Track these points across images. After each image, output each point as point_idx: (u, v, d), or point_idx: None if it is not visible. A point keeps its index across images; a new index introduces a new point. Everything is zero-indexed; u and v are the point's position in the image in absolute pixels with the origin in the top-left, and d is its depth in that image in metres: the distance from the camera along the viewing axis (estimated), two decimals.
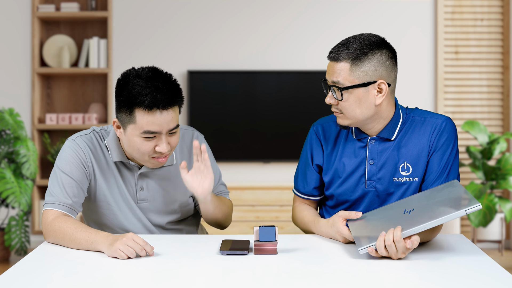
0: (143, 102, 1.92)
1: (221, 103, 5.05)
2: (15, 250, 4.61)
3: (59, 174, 2.05)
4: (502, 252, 4.87)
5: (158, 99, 1.93)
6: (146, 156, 2.02)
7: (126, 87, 1.96)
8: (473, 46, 5.10)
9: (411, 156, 2.06)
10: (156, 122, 1.95)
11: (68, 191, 2.03)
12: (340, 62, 1.98)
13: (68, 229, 1.92)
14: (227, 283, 1.57)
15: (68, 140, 2.11)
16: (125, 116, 1.98)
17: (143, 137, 1.98)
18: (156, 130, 1.96)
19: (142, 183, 2.14)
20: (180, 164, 1.98)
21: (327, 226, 2.02)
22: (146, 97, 1.92)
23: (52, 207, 2.01)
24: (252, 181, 5.11)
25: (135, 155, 2.04)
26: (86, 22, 5.17)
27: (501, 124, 5.11)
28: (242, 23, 5.13)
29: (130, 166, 2.13)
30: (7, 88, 5.12)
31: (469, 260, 1.76)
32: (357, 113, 2.00)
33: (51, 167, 5.14)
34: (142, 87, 1.93)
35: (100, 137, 2.13)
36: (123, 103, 1.96)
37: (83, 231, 1.89)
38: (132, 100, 1.94)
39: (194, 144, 1.97)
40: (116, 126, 2.04)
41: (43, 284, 1.56)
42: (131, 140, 2.00)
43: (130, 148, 2.03)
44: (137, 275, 1.65)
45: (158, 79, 1.96)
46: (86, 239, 1.87)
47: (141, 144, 1.99)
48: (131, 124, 1.98)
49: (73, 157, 2.07)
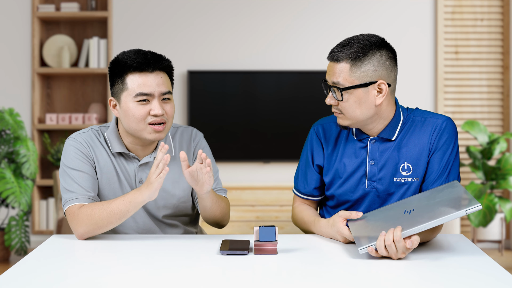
0: (132, 64, 2.03)
1: (221, 103, 5.05)
2: (15, 250, 4.61)
3: (70, 172, 2.08)
4: (502, 252, 4.87)
5: (147, 60, 2.04)
6: (142, 123, 2.06)
7: (116, 61, 2.07)
8: (473, 46, 5.10)
9: (411, 156, 2.06)
10: (147, 84, 2.03)
11: (85, 185, 2.07)
12: (340, 63, 1.98)
13: (100, 208, 1.98)
14: (227, 283, 1.57)
15: (68, 139, 2.15)
16: (118, 87, 2.07)
17: (136, 101, 2.04)
18: (147, 91, 2.03)
19: (141, 175, 2.15)
20: (180, 155, 1.95)
21: (327, 226, 2.02)
22: (135, 61, 2.03)
23: (77, 201, 2.05)
24: (252, 181, 5.11)
25: (133, 125, 2.07)
26: (86, 22, 5.17)
27: (501, 124, 5.11)
28: (242, 23, 5.13)
29: (129, 158, 2.15)
30: (7, 88, 5.12)
31: (469, 260, 1.76)
32: (357, 113, 2.00)
33: (51, 167, 5.14)
34: (131, 55, 2.05)
35: (98, 133, 2.17)
36: (116, 75, 2.06)
37: (115, 201, 1.98)
38: (122, 66, 2.04)
39: (199, 152, 1.96)
40: (113, 105, 2.11)
41: (43, 284, 1.56)
42: (126, 110, 2.06)
43: (127, 119, 2.07)
44: (137, 275, 1.65)
45: (146, 51, 2.08)
46: (124, 204, 1.97)
47: (135, 109, 2.04)
48: (124, 92, 2.05)
49: (77, 153, 2.10)
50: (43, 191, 5.13)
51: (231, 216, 4.76)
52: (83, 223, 1.98)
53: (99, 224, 1.98)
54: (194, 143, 2.23)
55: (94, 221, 1.97)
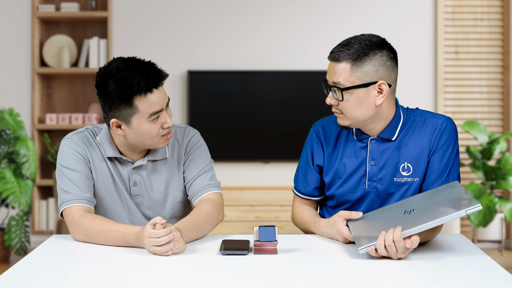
0: (140, 88, 1.96)
1: (221, 103, 5.05)
2: (15, 250, 4.61)
3: (66, 172, 2.08)
4: (502, 252, 4.87)
5: (151, 79, 1.97)
6: (156, 138, 2.05)
7: (113, 85, 1.97)
8: (473, 46, 5.10)
9: (411, 156, 2.06)
10: (156, 101, 1.99)
11: (81, 185, 2.06)
12: (341, 63, 1.98)
13: (99, 226, 1.95)
14: (227, 283, 1.57)
15: (64, 139, 2.14)
16: (125, 111, 2.00)
17: (149, 121, 2.01)
18: (159, 108, 2.00)
19: (135, 178, 2.15)
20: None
21: (327, 226, 2.02)
22: (140, 83, 1.96)
23: (74, 203, 2.04)
24: (252, 181, 5.11)
25: (147, 142, 2.05)
26: (86, 22, 5.17)
27: (501, 124, 5.11)
28: (242, 23, 5.13)
29: (123, 162, 2.14)
30: (7, 88, 5.12)
31: (469, 260, 1.76)
32: (357, 113, 2.00)
33: (51, 167, 5.14)
34: (130, 76, 1.96)
35: (93, 134, 2.16)
36: (119, 99, 1.98)
37: (116, 231, 1.93)
38: (128, 92, 1.96)
39: (157, 219, 1.88)
40: (116, 126, 2.05)
41: (43, 284, 1.56)
42: (139, 130, 2.02)
43: (140, 138, 2.04)
44: (137, 275, 1.65)
45: (136, 64, 1.99)
46: (121, 239, 1.92)
47: (150, 128, 2.02)
48: (134, 115, 2.00)
49: (73, 153, 2.10)
50: (43, 191, 5.13)
51: (231, 216, 4.76)
52: (80, 233, 1.99)
53: (94, 240, 1.98)
54: (187, 139, 2.21)
55: (90, 236, 1.97)
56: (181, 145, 2.21)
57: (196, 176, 2.18)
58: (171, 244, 1.81)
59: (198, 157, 2.20)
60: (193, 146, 2.21)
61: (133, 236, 1.90)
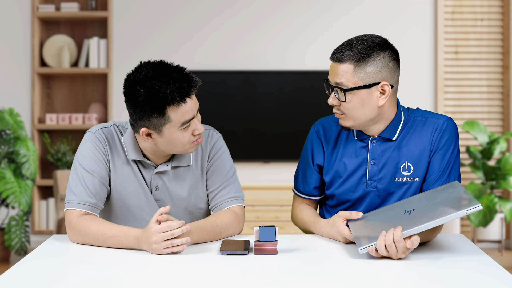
0: (174, 98, 1.91)
1: (221, 103, 5.04)
2: (15, 250, 4.61)
3: (80, 171, 2.03)
4: (502, 252, 4.87)
5: (183, 88, 1.92)
6: (187, 145, 2.02)
7: (145, 95, 1.92)
8: (473, 46, 5.11)
9: (412, 156, 2.05)
10: (189, 110, 1.95)
11: (90, 189, 2.01)
12: (344, 63, 1.97)
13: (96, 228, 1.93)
14: (227, 283, 1.57)
15: (88, 132, 2.08)
16: (157, 120, 1.94)
17: (182, 129, 1.97)
18: (191, 117, 1.97)
19: (157, 183, 2.11)
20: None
21: (327, 226, 2.02)
22: (173, 93, 1.90)
23: (76, 207, 2.00)
24: (252, 181, 5.11)
25: (178, 149, 2.02)
26: (86, 22, 5.17)
27: (501, 124, 5.11)
28: (242, 23, 5.13)
29: (146, 165, 2.10)
30: (7, 88, 5.12)
31: (469, 260, 1.76)
32: (359, 114, 2.00)
33: (51, 167, 5.15)
34: (163, 86, 1.91)
35: (120, 133, 2.11)
36: (150, 110, 1.92)
37: (113, 238, 1.90)
38: (161, 102, 1.91)
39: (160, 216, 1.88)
40: (146, 135, 1.99)
41: (43, 284, 1.56)
42: (171, 139, 1.99)
43: (171, 146, 2.01)
44: (137, 275, 1.65)
45: (167, 71, 1.94)
46: (119, 242, 1.90)
47: (182, 137, 1.99)
48: (166, 124, 1.95)
49: (94, 152, 2.04)
50: (43, 191, 5.13)
51: None
52: (77, 234, 1.96)
53: (90, 241, 1.95)
54: (210, 144, 2.18)
55: (86, 237, 1.94)
56: (204, 151, 2.17)
57: (220, 187, 2.15)
58: (184, 239, 1.80)
59: (221, 166, 2.17)
60: (216, 152, 2.18)
61: (132, 239, 1.88)
